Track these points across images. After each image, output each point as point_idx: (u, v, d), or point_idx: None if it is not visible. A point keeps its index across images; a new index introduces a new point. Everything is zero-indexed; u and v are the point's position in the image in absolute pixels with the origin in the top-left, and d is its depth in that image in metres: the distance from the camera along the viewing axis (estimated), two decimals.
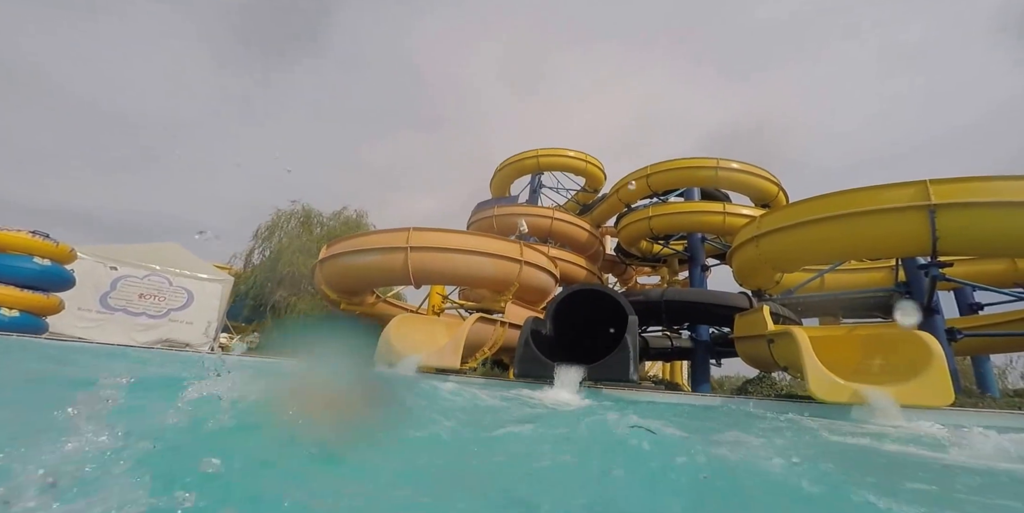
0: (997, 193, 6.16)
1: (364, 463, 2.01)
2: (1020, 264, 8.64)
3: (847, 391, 5.30)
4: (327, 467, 1.95)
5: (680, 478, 2.08)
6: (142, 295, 10.25)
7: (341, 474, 1.92)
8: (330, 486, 1.77)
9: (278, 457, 1.94)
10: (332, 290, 9.82)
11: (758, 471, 2.30)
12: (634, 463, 2.50)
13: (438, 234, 9.20)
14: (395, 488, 1.78)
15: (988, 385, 9.44)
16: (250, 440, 2.13)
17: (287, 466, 1.89)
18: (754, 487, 2.08)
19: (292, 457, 1.99)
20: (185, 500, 1.37)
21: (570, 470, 2.17)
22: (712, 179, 12.05)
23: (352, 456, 2.05)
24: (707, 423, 4.39)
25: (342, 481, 1.83)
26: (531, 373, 6.88)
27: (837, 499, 1.93)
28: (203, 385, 2.31)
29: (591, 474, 2.11)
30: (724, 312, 9.00)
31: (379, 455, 2.12)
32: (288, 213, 12.57)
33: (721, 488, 2.02)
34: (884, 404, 4.89)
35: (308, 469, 1.90)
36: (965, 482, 2.41)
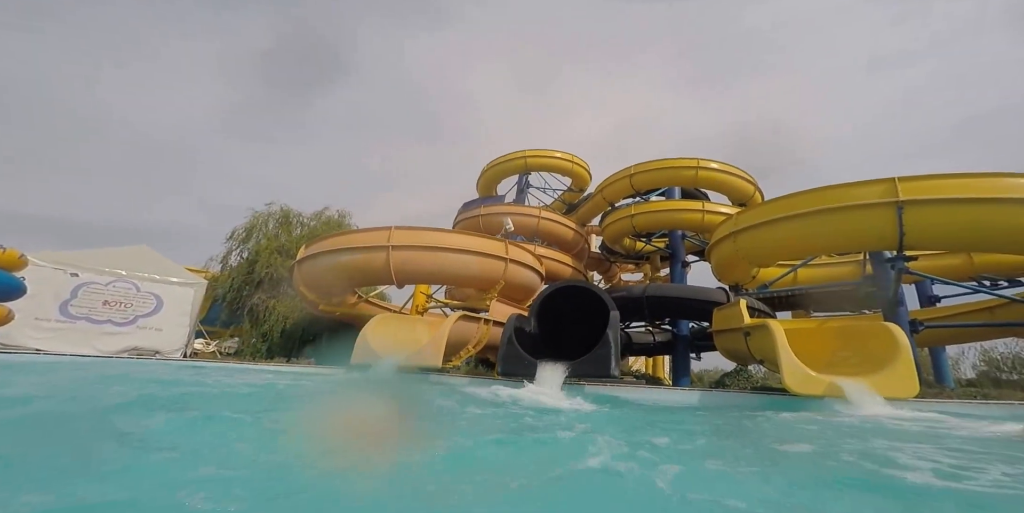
0: (962, 190, 6.30)
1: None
2: (976, 259, 8.99)
3: (821, 384, 5.36)
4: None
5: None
6: (107, 302, 9.61)
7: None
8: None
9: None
10: (311, 291, 9.49)
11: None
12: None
13: (421, 232, 8.99)
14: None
15: (944, 376, 9.83)
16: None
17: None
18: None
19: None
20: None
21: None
22: (692, 179, 12.24)
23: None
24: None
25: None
26: (514, 371, 6.77)
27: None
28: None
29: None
30: (703, 307, 9.09)
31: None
32: (265, 214, 12.10)
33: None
34: (858, 396, 4.98)
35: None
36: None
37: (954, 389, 7.32)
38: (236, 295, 11.20)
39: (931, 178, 6.57)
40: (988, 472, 2.20)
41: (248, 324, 11.08)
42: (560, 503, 1.75)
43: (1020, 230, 6.16)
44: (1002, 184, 6.21)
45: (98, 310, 9.57)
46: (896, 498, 1.80)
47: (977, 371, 10.69)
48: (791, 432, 3.71)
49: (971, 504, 1.63)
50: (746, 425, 3.92)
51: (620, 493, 1.89)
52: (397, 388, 6.17)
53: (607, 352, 6.60)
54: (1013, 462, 2.37)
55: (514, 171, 16.56)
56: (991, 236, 6.38)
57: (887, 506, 1.73)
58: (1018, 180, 6.20)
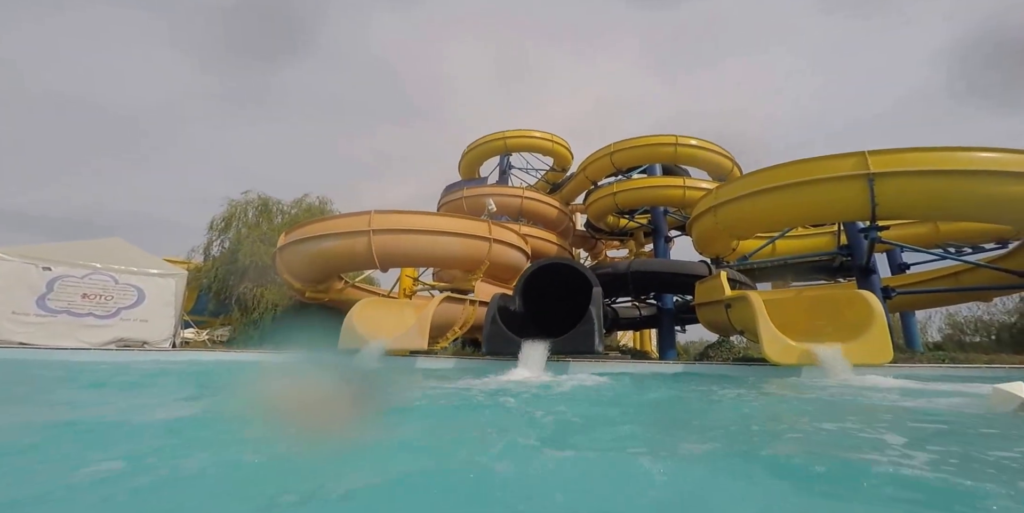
0: (929, 163, 6.51)
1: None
2: (942, 227, 9.19)
3: (800, 352, 5.49)
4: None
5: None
6: (85, 295, 9.36)
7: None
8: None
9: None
10: (295, 278, 9.32)
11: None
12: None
13: (402, 216, 8.80)
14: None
15: (914, 340, 10.18)
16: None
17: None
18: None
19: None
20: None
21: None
22: (672, 155, 12.18)
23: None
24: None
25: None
26: (499, 350, 6.80)
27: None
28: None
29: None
30: (686, 280, 9.18)
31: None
32: (243, 203, 11.70)
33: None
34: (834, 363, 5.10)
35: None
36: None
37: (923, 353, 7.58)
38: (222, 285, 10.97)
39: (898, 152, 6.73)
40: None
41: (238, 313, 10.91)
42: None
43: (980, 199, 6.36)
44: (964, 157, 6.41)
45: (77, 303, 9.33)
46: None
47: (943, 334, 11.12)
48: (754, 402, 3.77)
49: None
50: (713, 396, 3.98)
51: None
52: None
53: (590, 328, 6.65)
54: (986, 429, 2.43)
55: (494, 152, 16.26)
56: (955, 205, 6.57)
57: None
58: (977, 153, 6.41)
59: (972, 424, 2.54)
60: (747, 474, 1.63)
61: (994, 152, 6.39)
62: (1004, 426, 2.48)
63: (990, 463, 1.71)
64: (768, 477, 1.62)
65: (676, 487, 1.48)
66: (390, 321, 7.94)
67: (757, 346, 6.15)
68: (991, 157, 6.35)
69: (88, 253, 9.68)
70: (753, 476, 1.62)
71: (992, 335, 9.97)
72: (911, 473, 1.52)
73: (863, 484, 1.48)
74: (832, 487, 1.49)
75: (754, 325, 6.00)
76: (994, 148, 6.42)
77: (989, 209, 6.41)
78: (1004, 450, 1.85)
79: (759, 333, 5.81)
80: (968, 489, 1.37)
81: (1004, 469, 1.62)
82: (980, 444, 2.08)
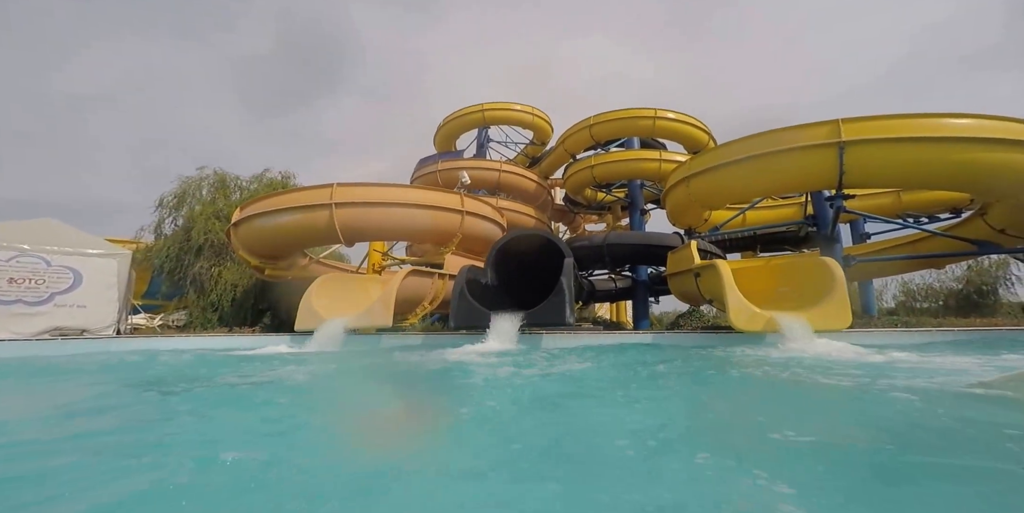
0: (900, 130, 6.37)
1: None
2: (904, 197, 9.31)
3: (763, 319, 5.42)
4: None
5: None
6: (12, 280, 8.35)
7: None
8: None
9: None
10: (252, 256, 8.68)
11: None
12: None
13: (366, 189, 8.23)
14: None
15: (870, 306, 10.51)
16: None
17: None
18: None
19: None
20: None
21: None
22: (650, 129, 11.89)
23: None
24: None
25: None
26: (468, 323, 6.53)
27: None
28: None
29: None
30: (660, 252, 9.07)
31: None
32: (197, 179, 10.73)
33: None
34: (796, 330, 5.05)
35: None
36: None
37: (878, 318, 7.75)
38: (175, 264, 10.17)
39: (871, 119, 6.58)
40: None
41: (194, 295, 10.19)
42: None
43: (949, 166, 6.30)
44: (933, 124, 6.27)
45: (3, 290, 8.36)
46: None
47: (896, 301, 11.57)
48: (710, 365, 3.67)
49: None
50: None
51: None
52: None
53: (561, 299, 6.43)
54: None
55: (472, 125, 15.52)
56: (922, 172, 6.51)
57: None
58: (947, 120, 6.28)
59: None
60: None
61: (965, 118, 6.29)
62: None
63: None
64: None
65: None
66: (353, 298, 7.51)
67: (725, 315, 6.09)
68: (961, 124, 6.25)
69: (15, 234, 8.63)
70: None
71: (940, 301, 10.42)
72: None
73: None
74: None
75: (722, 293, 5.90)
76: (965, 114, 6.31)
77: (955, 177, 6.39)
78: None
79: (726, 301, 5.71)
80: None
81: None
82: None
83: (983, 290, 9.59)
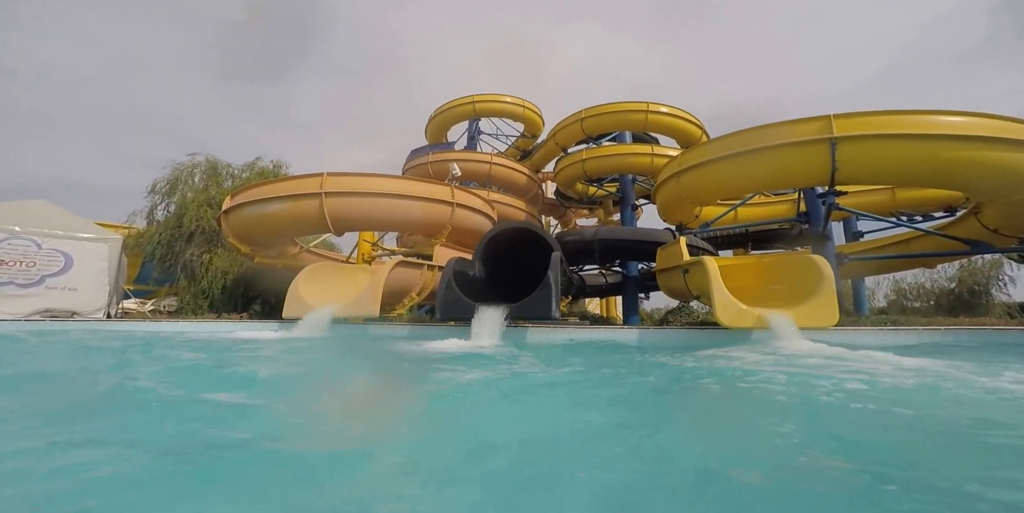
0: (892, 126, 6.18)
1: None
2: (898, 195, 9.11)
3: (750, 316, 5.28)
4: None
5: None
6: (3, 261, 8.36)
7: None
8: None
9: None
10: (242, 243, 8.54)
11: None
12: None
13: (357, 178, 8.07)
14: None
15: (862, 305, 10.36)
16: None
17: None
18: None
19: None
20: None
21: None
22: (642, 123, 11.62)
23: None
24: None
25: None
26: (454, 315, 6.39)
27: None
28: None
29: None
30: (651, 248, 8.90)
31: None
32: (189, 166, 10.56)
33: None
34: (782, 327, 4.90)
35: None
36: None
37: (868, 317, 7.61)
38: (167, 250, 10.04)
39: (863, 115, 6.38)
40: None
41: (184, 281, 10.07)
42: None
43: (941, 163, 6.11)
44: (927, 121, 6.07)
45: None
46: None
47: (888, 300, 11.41)
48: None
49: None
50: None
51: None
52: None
53: (548, 293, 6.27)
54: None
55: (463, 117, 15.23)
56: (914, 169, 6.33)
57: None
58: (940, 117, 6.08)
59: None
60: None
61: (958, 115, 6.11)
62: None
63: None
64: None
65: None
66: (341, 287, 7.38)
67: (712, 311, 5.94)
68: (953, 121, 6.07)
69: (7, 215, 8.56)
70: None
71: (931, 301, 10.26)
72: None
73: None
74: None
75: (708, 290, 5.75)
76: (958, 111, 6.14)
77: (947, 175, 6.21)
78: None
79: (712, 297, 5.56)
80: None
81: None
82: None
83: (975, 290, 9.42)
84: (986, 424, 1.75)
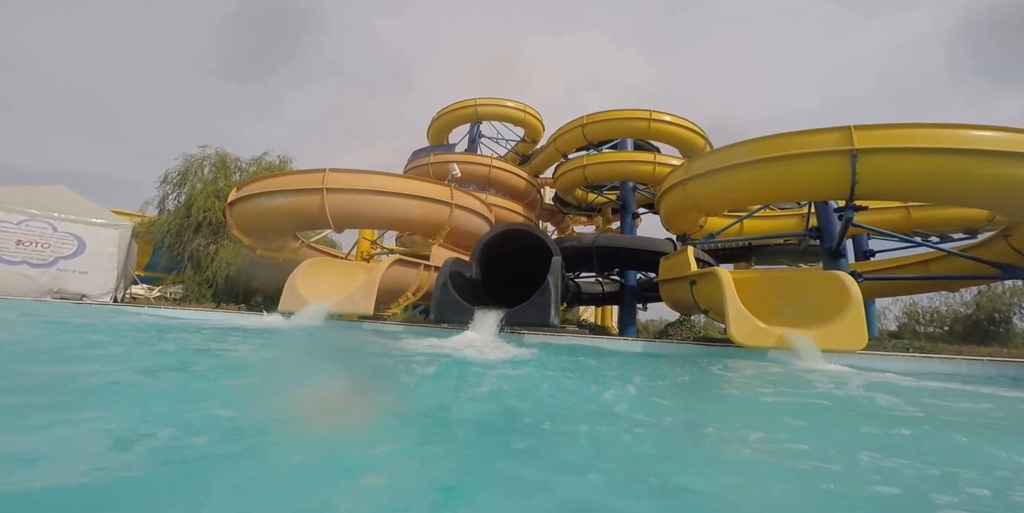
0: (916, 139, 5.36)
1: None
2: (914, 214, 8.15)
3: (768, 335, 4.43)
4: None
5: None
6: (20, 242, 7.88)
7: None
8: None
9: None
10: (246, 235, 7.86)
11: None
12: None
13: (358, 175, 7.38)
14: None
15: (871, 327, 9.30)
16: None
17: None
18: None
19: None
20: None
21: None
22: (644, 130, 10.77)
23: None
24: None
25: None
26: (448, 317, 5.59)
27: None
28: None
29: None
30: (651, 257, 8.04)
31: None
32: (199, 158, 9.99)
33: None
34: (804, 348, 4.04)
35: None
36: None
37: (880, 339, 6.65)
38: (175, 239, 9.43)
39: (887, 127, 5.55)
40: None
41: (190, 270, 9.43)
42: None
43: (975, 181, 5.24)
44: (954, 135, 5.24)
45: (10, 251, 7.86)
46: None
47: (899, 323, 10.30)
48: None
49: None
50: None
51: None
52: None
53: (547, 299, 5.45)
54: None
55: (465, 120, 14.44)
56: (943, 186, 5.46)
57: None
58: (969, 132, 5.22)
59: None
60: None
61: (988, 130, 5.24)
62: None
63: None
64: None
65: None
66: (338, 283, 6.63)
67: (718, 325, 5.08)
68: (984, 136, 5.21)
69: (26, 199, 8.12)
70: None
71: (945, 326, 9.17)
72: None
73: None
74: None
75: (720, 303, 4.88)
76: (989, 126, 5.27)
77: (975, 192, 5.33)
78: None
79: (726, 312, 4.69)
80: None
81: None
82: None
83: (995, 318, 8.33)
84: None
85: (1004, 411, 2.16)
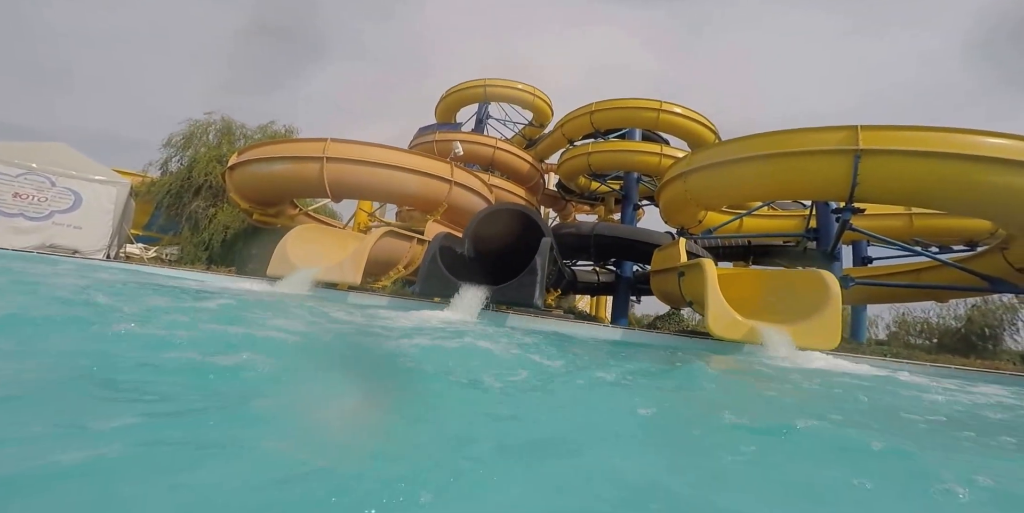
0: (923, 143, 5.33)
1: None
2: (916, 222, 8.16)
3: (743, 328, 4.57)
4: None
5: None
6: (17, 194, 8.11)
7: None
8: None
9: None
10: (244, 199, 8.05)
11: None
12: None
13: (359, 147, 7.49)
14: None
15: (860, 333, 9.42)
16: None
17: None
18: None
19: None
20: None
21: None
22: (653, 121, 10.71)
23: None
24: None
25: None
26: (433, 291, 5.76)
27: None
28: None
29: None
30: (648, 249, 8.13)
31: None
32: (205, 123, 10.10)
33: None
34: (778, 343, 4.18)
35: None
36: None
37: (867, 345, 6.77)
38: (175, 201, 9.63)
39: (894, 129, 5.53)
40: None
41: (187, 232, 9.65)
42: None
43: (978, 188, 5.25)
44: (962, 140, 5.23)
45: (8, 203, 8.10)
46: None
47: (888, 333, 10.39)
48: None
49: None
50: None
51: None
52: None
53: (533, 279, 5.60)
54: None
55: (473, 99, 14.35)
56: (943, 192, 5.48)
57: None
58: (982, 138, 5.20)
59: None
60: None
61: (998, 137, 5.22)
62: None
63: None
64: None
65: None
66: (329, 251, 6.81)
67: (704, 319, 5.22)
68: (996, 143, 5.19)
69: (27, 154, 8.32)
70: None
71: (934, 339, 9.25)
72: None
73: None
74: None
75: (703, 295, 5.01)
76: (999, 132, 5.25)
77: (980, 200, 5.35)
78: None
79: (706, 304, 4.82)
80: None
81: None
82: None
83: (984, 333, 8.39)
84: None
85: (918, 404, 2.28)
